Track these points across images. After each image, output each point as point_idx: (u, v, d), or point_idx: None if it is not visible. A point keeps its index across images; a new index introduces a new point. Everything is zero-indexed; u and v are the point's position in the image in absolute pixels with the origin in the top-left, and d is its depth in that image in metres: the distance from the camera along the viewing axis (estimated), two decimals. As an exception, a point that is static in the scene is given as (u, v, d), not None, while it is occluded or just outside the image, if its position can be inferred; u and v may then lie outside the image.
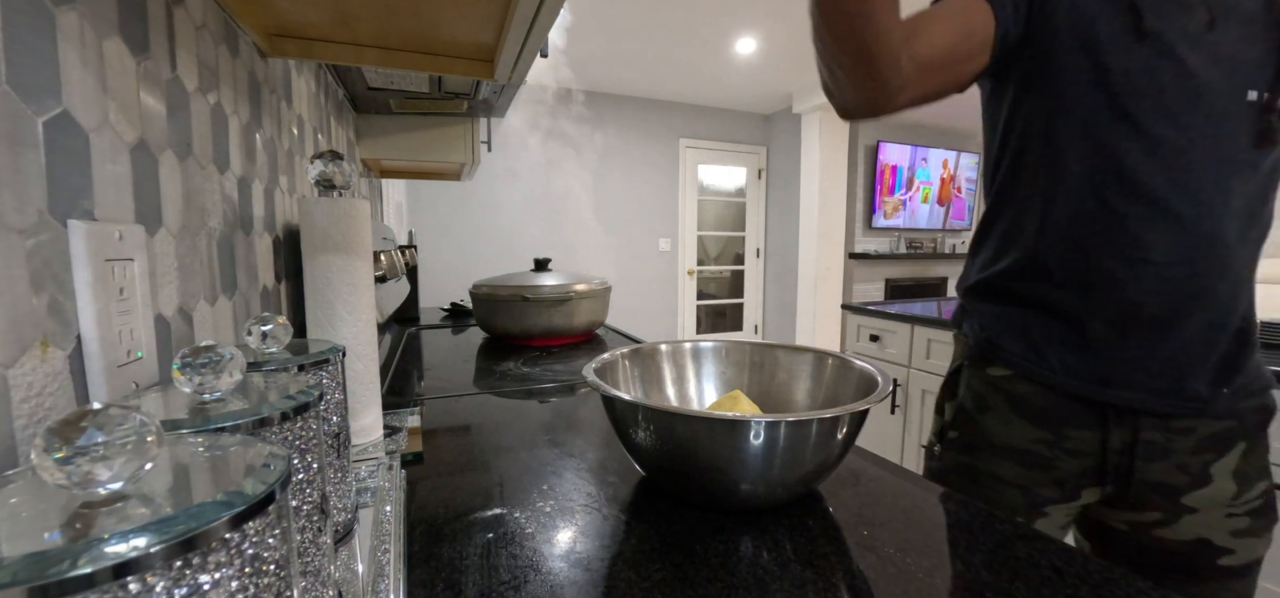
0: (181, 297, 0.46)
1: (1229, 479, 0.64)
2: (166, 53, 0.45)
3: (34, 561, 0.14)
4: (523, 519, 0.51)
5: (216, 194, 0.54)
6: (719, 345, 0.74)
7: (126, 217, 0.39)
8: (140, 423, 0.18)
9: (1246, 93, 0.59)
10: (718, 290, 5.07)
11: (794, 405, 0.68)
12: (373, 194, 1.79)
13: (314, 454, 0.33)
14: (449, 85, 1.20)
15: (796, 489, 0.52)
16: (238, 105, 0.61)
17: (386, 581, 0.40)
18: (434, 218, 3.89)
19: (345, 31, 0.71)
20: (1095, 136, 0.62)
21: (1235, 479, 0.64)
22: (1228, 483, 0.64)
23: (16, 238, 0.29)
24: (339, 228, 0.60)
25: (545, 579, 0.42)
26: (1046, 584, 0.42)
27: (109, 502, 0.17)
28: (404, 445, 0.67)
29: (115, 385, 0.35)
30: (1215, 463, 0.64)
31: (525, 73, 0.81)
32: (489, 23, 0.68)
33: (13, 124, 0.29)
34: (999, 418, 0.71)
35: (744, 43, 3.32)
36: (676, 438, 0.50)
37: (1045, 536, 0.49)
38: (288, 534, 0.20)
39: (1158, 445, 0.65)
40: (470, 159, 1.57)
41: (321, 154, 0.59)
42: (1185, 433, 0.64)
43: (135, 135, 0.40)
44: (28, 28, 0.30)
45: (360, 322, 0.62)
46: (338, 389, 0.43)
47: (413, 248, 1.67)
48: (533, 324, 1.29)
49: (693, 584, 0.42)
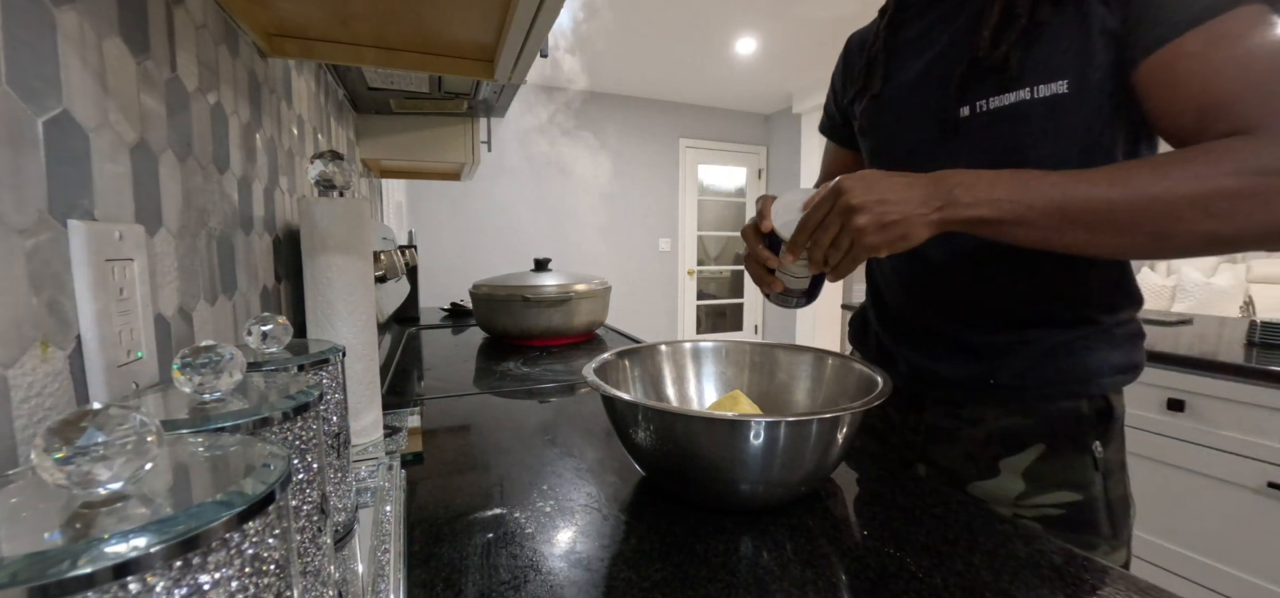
0: (181, 297, 0.46)
1: (1017, 478, 0.61)
2: (166, 53, 0.45)
3: (34, 561, 0.14)
4: (522, 519, 0.51)
5: (216, 194, 0.54)
6: (719, 345, 0.74)
7: (126, 217, 0.39)
8: (140, 423, 0.18)
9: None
10: (718, 290, 5.07)
11: (794, 406, 0.68)
12: (373, 194, 1.79)
13: (314, 454, 0.33)
14: (449, 85, 1.20)
15: (796, 489, 0.52)
16: (238, 105, 0.61)
17: (386, 581, 0.40)
18: (434, 218, 3.89)
19: (345, 31, 0.71)
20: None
21: (1025, 479, 0.61)
22: (1015, 482, 0.61)
23: (16, 238, 0.29)
24: (339, 228, 0.60)
25: (545, 579, 0.42)
26: (1046, 584, 0.42)
27: (109, 502, 0.17)
28: (404, 445, 0.67)
29: (115, 385, 0.35)
30: (1004, 458, 0.62)
31: (525, 73, 0.81)
32: (489, 23, 0.68)
33: (13, 124, 0.29)
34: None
35: (744, 43, 3.32)
36: (676, 438, 0.50)
37: (1045, 535, 0.49)
38: (288, 534, 0.20)
39: (947, 432, 0.66)
40: (470, 159, 1.57)
41: (321, 154, 0.59)
42: (973, 424, 0.64)
43: (135, 135, 0.40)
44: (28, 28, 0.30)
45: (360, 322, 0.62)
46: (338, 389, 0.43)
47: (413, 248, 1.67)
48: (533, 324, 1.29)
49: (693, 584, 0.42)
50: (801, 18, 2.94)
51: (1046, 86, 0.53)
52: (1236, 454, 1.43)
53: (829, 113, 0.84)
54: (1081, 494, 0.60)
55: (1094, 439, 0.60)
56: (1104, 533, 0.59)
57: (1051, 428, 0.60)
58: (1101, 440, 0.60)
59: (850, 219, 0.51)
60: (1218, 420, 1.46)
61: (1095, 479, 0.60)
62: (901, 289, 0.70)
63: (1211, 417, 1.47)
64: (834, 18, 2.90)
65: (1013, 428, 0.62)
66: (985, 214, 0.49)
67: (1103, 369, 0.59)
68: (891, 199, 0.51)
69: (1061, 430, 0.60)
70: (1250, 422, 1.41)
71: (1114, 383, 0.60)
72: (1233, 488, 1.44)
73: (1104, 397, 0.60)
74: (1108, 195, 0.46)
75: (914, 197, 0.51)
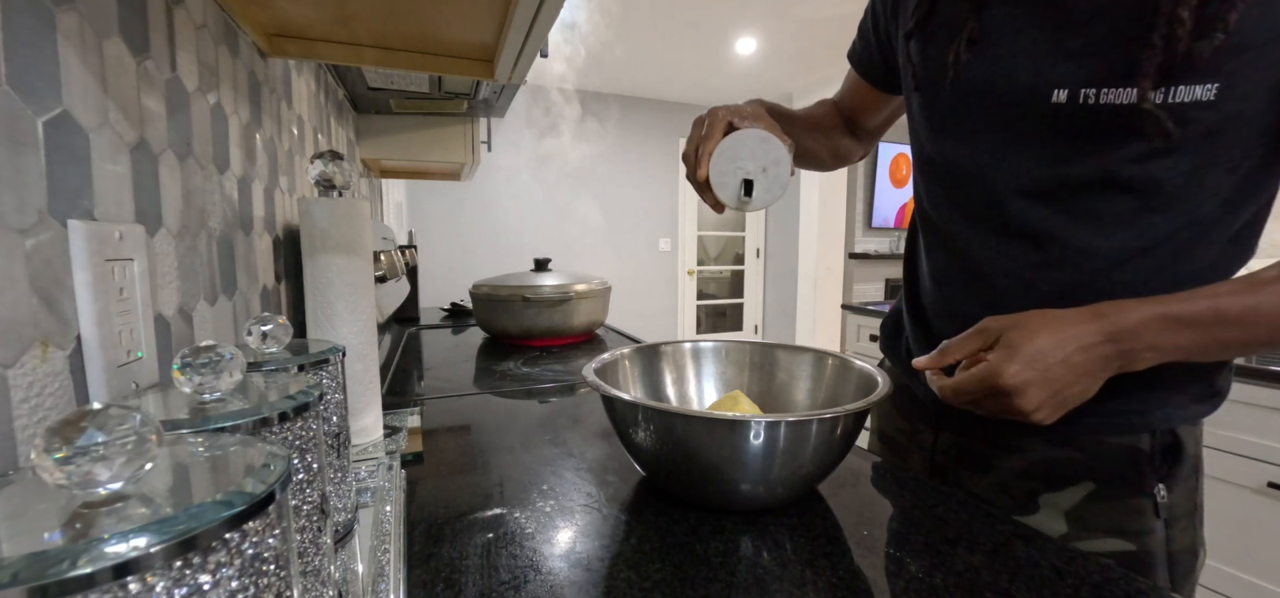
0: (181, 297, 0.46)
1: (1059, 518, 0.54)
2: (166, 53, 0.45)
3: (34, 561, 0.14)
4: (523, 519, 0.51)
5: (216, 194, 0.54)
6: (719, 345, 0.74)
7: (126, 217, 0.39)
8: (140, 423, 0.18)
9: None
10: (718, 290, 5.07)
11: (794, 406, 0.68)
12: (373, 194, 1.79)
13: (314, 454, 0.33)
14: (449, 85, 1.20)
15: (796, 489, 0.52)
16: (238, 105, 0.61)
17: (386, 581, 0.40)
18: (434, 218, 3.89)
19: (345, 31, 0.71)
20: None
21: (1068, 520, 0.54)
22: (1057, 521, 0.54)
23: (16, 238, 0.29)
24: (339, 228, 0.60)
25: (545, 579, 0.42)
26: (1046, 584, 0.42)
27: (109, 502, 0.17)
28: (404, 445, 0.67)
29: (115, 385, 0.35)
30: (1044, 494, 0.56)
31: (525, 73, 0.81)
32: (489, 23, 0.68)
33: (13, 124, 0.29)
34: (880, 407, 0.73)
35: (744, 43, 3.32)
36: (676, 438, 0.50)
37: (1045, 535, 0.49)
38: (288, 534, 0.20)
39: (980, 456, 0.60)
40: (470, 159, 1.57)
41: (321, 154, 0.59)
42: (1010, 451, 0.58)
43: (135, 135, 0.40)
44: (28, 28, 0.30)
45: (360, 322, 0.62)
46: (338, 389, 0.43)
47: (413, 248, 1.67)
48: (533, 324, 1.29)
49: (693, 584, 0.42)
50: (801, 18, 2.94)
51: (1189, 90, 0.43)
52: (1236, 454, 1.43)
53: (864, 39, 0.70)
54: (1135, 544, 0.52)
55: (1156, 481, 0.52)
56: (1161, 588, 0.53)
57: (1103, 465, 0.53)
58: (1166, 482, 0.52)
59: (1012, 403, 0.45)
60: (1218, 420, 1.46)
61: (1155, 527, 0.52)
62: (942, 301, 0.62)
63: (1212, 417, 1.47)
64: (834, 18, 2.90)
65: (1057, 460, 0.55)
66: (1162, 361, 0.45)
67: (1172, 399, 0.51)
68: (1066, 381, 0.45)
69: (1115, 469, 0.53)
70: (1250, 422, 1.41)
71: (1187, 415, 0.52)
72: (1233, 488, 1.44)
73: (1171, 431, 0.52)
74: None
75: (1092, 370, 0.45)
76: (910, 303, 0.69)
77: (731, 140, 0.56)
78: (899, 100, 0.71)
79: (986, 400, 0.47)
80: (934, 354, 0.52)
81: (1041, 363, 0.45)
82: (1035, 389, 0.45)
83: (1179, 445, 0.52)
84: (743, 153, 0.55)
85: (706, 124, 0.58)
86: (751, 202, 0.57)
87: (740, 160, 0.55)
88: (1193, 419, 0.53)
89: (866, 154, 0.79)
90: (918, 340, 0.67)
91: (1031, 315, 0.47)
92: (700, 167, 0.56)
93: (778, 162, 0.56)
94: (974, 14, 0.52)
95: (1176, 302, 0.44)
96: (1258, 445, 1.39)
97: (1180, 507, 0.53)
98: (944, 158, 0.58)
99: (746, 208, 0.58)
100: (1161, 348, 0.45)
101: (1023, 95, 0.50)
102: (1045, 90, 0.48)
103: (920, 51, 0.58)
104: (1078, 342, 0.45)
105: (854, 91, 0.74)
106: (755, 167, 0.56)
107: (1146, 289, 0.47)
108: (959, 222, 0.58)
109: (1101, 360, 0.45)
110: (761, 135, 0.55)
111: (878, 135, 0.78)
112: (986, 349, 0.48)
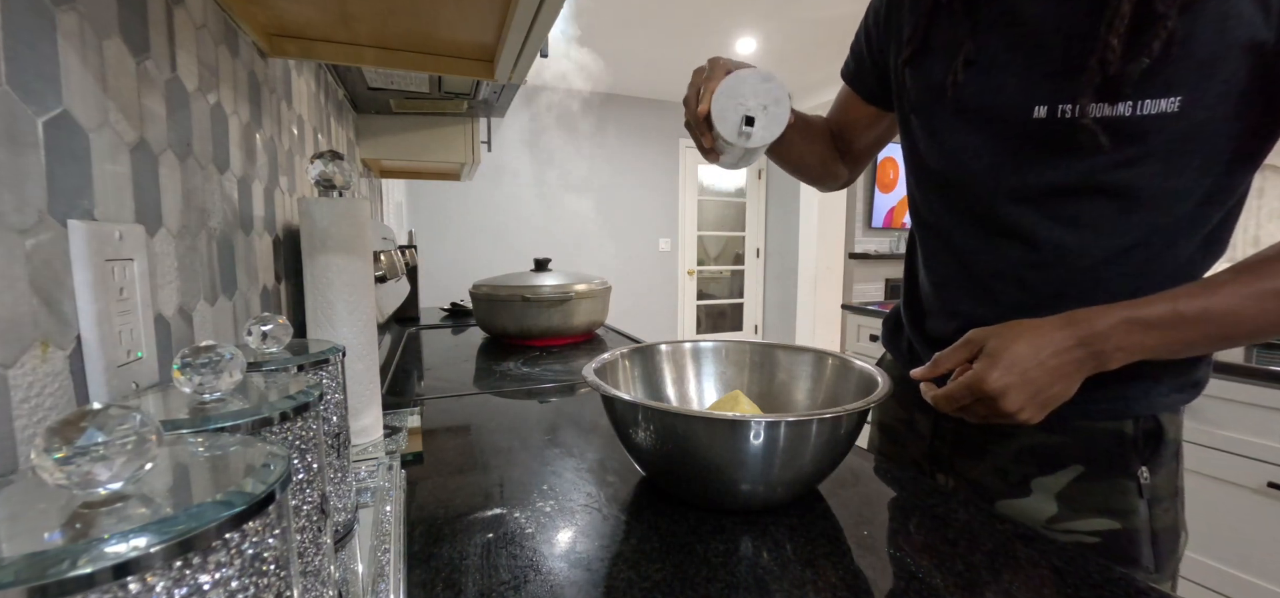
0: (181, 297, 0.46)
1: (1051, 500, 0.58)
2: (166, 53, 0.45)
3: (34, 561, 0.14)
4: (523, 519, 0.51)
5: (216, 194, 0.54)
6: (719, 345, 0.74)
7: (126, 217, 0.39)
8: (140, 423, 0.18)
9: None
10: (718, 290, 5.07)
11: (794, 406, 0.68)
12: (373, 194, 1.79)
13: (314, 454, 0.33)
14: (449, 85, 1.20)
15: (796, 489, 0.52)
16: (238, 105, 0.61)
17: (386, 581, 0.40)
18: (434, 218, 3.89)
19: (345, 31, 0.71)
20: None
21: (1058, 501, 0.57)
22: (1048, 503, 0.58)
23: (16, 238, 0.29)
24: (339, 228, 0.60)
25: (545, 579, 0.42)
26: (1046, 584, 0.42)
27: (109, 502, 0.17)
28: (404, 445, 0.67)
29: (115, 385, 0.35)
30: (1037, 477, 0.59)
31: (525, 73, 0.81)
32: (489, 23, 0.68)
33: (13, 124, 0.29)
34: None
35: (744, 43, 3.32)
36: (676, 438, 0.50)
37: (1045, 535, 0.49)
38: (288, 534, 0.20)
39: (976, 443, 0.63)
40: (470, 159, 1.57)
41: (321, 154, 0.59)
42: (1005, 437, 0.61)
43: (135, 135, 0.40)
44: (28, 28, 0.30)
45: (360, 322, 0.62)
46: (338, 389, 0.43)
47: (413, 248, 1.67)
48: (533, 324, 1.29)
49: (693, 584, 0.42)
50: (801, 18, 2.94)
51: (1154, 103, 0.47)
52: (1237, 454, 1.43)
53: (858, 59, 0.73)
54: (1120, 522, 0.55)
55: (1140, 464, 0.55)
56: (1145, 565, 0.55)
57: (1090, 449, 0.57)
58: (1148, 465, 0.56)
59: (998, 406, 0.49)
60: (1218, 420, 1.46)
61: (1139, 507, 0.55)
62: (941, 303, 0.65)
63: (1212, 417, 1.47)
64: (834, 18, 2.90)
65: (1048, 445, 0.58)
66: (1131, 361, 0.49)
67: (1154, 389, 0.55)
68: (1044, 383, 0.49)
69: (1102, 452, 0.56)
70: (1250, 422, 1.41)
71: (1168, 403, 0.55)
72: (1233, 488, 1.44)
73: (1153, 418, 0.56)
74: (1258, 324, 0.47)
75: (1067, 372, 0.49)
76: (909, 307, 0.72)
77: (734, 77, 0.57)
78: (888, 122, 0.75)
79: (975, 405, 0.52)
80: (927, 366, 0.56)
81: (1020, 368, 0.49)
82: (1016, 392, 0.49)
83: (1160, 431, 0.56)
84: (744, 90, 0.56)
85: (707, 69, 0.60)
86: (751, 137, 0.58)
87: (741, 96, 0.56)
88: (1174, 407, 0.57)
89: (852, 180, 0.82)
90: (918, 342, 0.70)
91: (1011, 325, 0.51)
92: (702, 102, 0.58)
93: (778, 101, 0.58)
94: (970, 36, 0.57)
95: (1140, 306, 0.48)
96: (1258, 445, 1.39)
97: (1163, 489, 0.57)
98: (941, 168, 0.62)
99: (744, 143, 0.58)
100: (1129, 349, 0.48)
101: (1010, 110, 0.55)
102: (1028, 106, 0.53)
103: (917, 74, 0.62)
104: (1052, 347, 0.49)
105: (846, 107, 0.77)
106: (756, 104, 0.57)
107: (1134, 285, 0.52)
108: (956, 227, 0.62)
109: (1075, 363, 0.49)
110: (764, 74, 0.57)
111: (864, 160, 0.80)
112: (972, 359, 0.53)
